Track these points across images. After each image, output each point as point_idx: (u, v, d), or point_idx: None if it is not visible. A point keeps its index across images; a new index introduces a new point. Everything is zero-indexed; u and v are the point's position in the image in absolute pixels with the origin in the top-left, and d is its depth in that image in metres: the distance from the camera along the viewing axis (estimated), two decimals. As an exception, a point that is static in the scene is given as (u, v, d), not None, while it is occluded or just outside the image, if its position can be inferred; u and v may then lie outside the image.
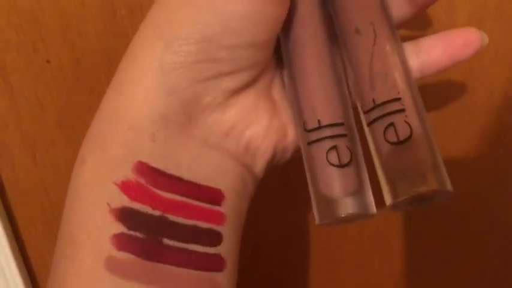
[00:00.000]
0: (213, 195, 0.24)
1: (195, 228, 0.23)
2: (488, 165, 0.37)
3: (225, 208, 0.24)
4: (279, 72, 0.27)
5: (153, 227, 0.23)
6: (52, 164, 0.35)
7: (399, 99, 0.22)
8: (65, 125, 0.34)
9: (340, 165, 0.23)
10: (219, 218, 0.24)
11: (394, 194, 0.22)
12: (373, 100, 0.23)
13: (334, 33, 0.26)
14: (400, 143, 0.22)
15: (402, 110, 0.22)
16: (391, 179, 0.22)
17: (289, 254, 0.40)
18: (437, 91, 0.35)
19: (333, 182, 0.23)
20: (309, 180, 0.24)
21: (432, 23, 0.33)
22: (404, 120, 0.22)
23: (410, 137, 0.22)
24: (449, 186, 0.22)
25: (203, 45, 0.22)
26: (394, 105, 0.22)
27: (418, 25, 0.33)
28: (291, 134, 0.26)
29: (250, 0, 0.22)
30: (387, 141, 0.22)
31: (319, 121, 0.24)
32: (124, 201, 0.22)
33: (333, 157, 0.23)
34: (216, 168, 0.24)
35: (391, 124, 0.22)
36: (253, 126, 0.25)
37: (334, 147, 0.23)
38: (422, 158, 0.22)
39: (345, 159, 0.23)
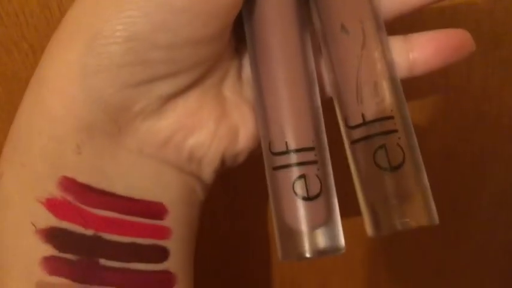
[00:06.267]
0: (153, 210, 0.21)
1: (135, 245, 0.21)
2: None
3: (169, 221, 0.21)
4: (235, 62, 0.23)
5: (86, 248, 0.20)
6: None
7: (392, 117, 0.20)
8: None
9: (308, 198, 0.20)
10: (163, 233, 0.21)
11: (377, 227, 0.20)
12: (363, 115, 0.20)
13: (311, 34, 0.21)
14: (391, 169, 0.19)
15: (395, 131, 0.20)
16: (374, 209, 0.20)
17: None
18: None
19: (299, 215, 0.20)
20: (272, 209, 0.21)
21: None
22: (397, 143, 0.19)
23: (403, 163, 0.19)
24: (436, 220, 0.20)
25: (132, 45, 0.19)
26: (387, 125, 0.20)
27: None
28: (244, 138, 0.22)
29: None
30: (377, 165, 0.20)
31: (286, 144, 0.20)
32: (51, 220, 0.20)
33: (301, 188, 0.20)
34: (155, 181, 0.21)
35: (383, 146, 0.19)
36: (196, 133, 0.21)
37: (303, 177, 0.20)
38: (411, 188, 0.19)
39: (314, 190, 0.20)
